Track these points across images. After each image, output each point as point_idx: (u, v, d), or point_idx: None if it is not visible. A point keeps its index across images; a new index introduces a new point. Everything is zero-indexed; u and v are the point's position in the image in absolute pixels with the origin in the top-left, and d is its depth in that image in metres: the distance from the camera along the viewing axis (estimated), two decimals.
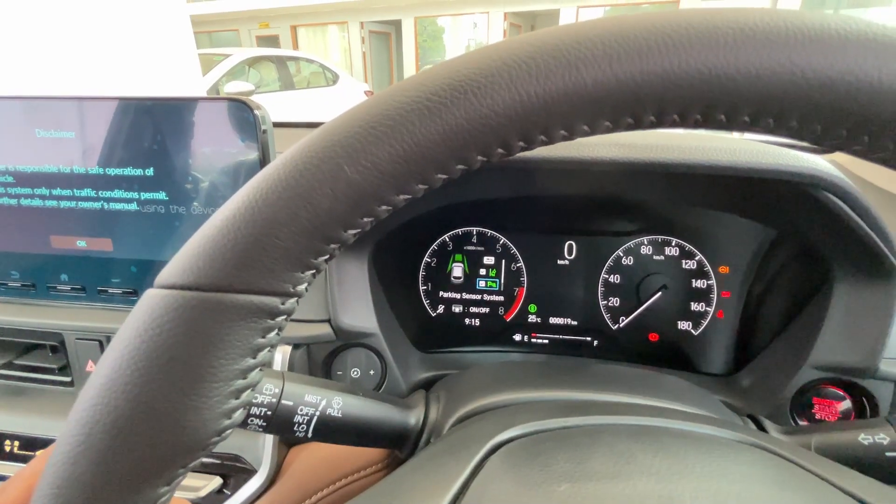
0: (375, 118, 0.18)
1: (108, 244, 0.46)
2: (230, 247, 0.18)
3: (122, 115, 0.43)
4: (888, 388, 0.42)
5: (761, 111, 0.16)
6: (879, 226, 0.39)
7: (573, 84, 0.17)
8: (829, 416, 0.45)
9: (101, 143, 0.44)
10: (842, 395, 0.44)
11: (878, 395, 0.42)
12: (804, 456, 0.26)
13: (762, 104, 0.16)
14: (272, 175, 0.19)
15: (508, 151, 0.19)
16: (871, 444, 0.33)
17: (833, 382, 0.44)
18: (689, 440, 0.26)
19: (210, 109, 0.42)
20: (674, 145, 0.39)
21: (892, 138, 0.16)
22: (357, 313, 0.47)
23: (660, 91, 0.16)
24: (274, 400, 0.32)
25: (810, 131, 0.17)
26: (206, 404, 0.19)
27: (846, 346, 0.42)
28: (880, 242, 0.39)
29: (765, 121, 0.17)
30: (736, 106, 0.16)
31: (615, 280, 0.57)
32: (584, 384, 0.38)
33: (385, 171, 0.18)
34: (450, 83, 0.18)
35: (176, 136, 0.43)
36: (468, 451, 0.26)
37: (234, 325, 0.18)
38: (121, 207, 0.45)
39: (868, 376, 0.42)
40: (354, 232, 0.20)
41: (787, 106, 0.16)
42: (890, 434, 0.33)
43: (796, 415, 0.45)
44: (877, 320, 0.41)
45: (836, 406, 0.44)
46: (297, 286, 0.20)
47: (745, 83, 0.16)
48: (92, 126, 0.44)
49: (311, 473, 0.44)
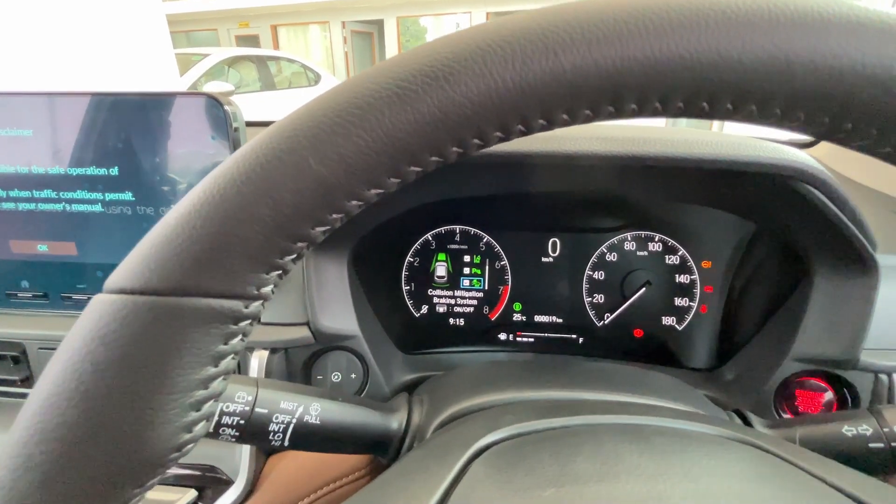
0: (342, 107, 0.17)
1: (72, 248, 0.44)
2: (185, 246, 0.17)
3: (84, 112, 0.41)
4: (869, 379, 0.43)
5: (745, 98, 0.16)
6: (857, 217, 0.39)
7: (551, 70, 0.16)
8: (812, 407, 0.45)
9: (61, 141, 0.42)
10: (824, 387, 0.45)
11: (859, 386, 0.43)
12: (790, 450, 0.26)
13: (746, 90, 0.16)
14: (231, 168, 0.17)
15: (485, 142, 0.18)
16: (854, 435, 0.33)
17: (815, 374, 0.44)
18: (675, 438, 0.26)
19: (179, 105, 0.40)
20: (655, 138, 0.39)
21: (877, 125, 0.16)
22: (337, 315, 0.45)
23: (641, 77, 0.16)
24: (247, 408, 0.31)
25: (794, 118, 0.16)
26: (162, 418, 0.17)
27: (827, 339, 0.42)
28: (858, 234, 0.39)
29: (748, 108, 0.16)
30: (719, 92, 0.16)
31: (599, 277, 0.57)
32: (569, 383, 0.37)
33: (354, 163, 0.17)
34: (421, 69, 0.16)
35: (142, 133, 0.41)
36: (451, 456, 0.25)
37: (191, 332, 0.17)
38: (84, 209, 0.43)
39: (849, 367, 0.42)
40: (323, 229, 0.18)
41: (770, 92, 0.15)
42: (872, 425, 0.33)
43: (780, 407, 0.45)
44: (856, 312, 0.41)
45: (819, 398, 0.45)
46: (261, 288, 0.18)
47: (727, 68, 0.15)
48: (51, 123, 0.41)
49: (290, 483, 0.42)
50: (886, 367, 0.42)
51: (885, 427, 0.32)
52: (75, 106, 0.41)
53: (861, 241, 0.39)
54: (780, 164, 0.37)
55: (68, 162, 0.42)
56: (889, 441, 0.32)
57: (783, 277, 0.49)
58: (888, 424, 0.32)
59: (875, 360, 0.42)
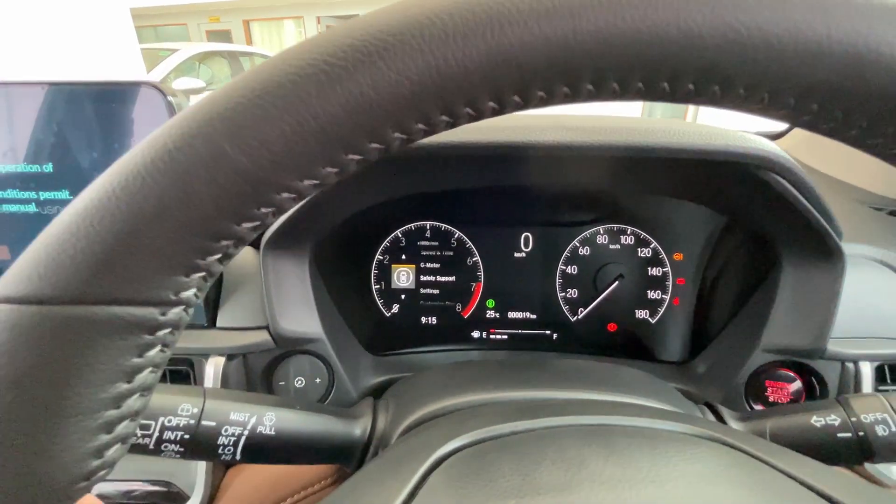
0: (263, 86, 0.15)
1: (5, 252, 0.40)
2: (80, 247, 0.14)
3: (11, 104, 0.37)
4: (836, 368, 0.43)
5: (707, 78, 0.15)
6: (823, 206, 0.39)
7: (497, 46, 0.14)
8: (781, 398, 0.45)
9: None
10: (792, 377, 0.45)
11: (826, 375, 0.43)
12: (761, 447, 0.25)
13: (708, 70, 0.14)
14: (136, 156, 0.15)
15: (431, 127, 0.16)
16: (823, 425, 0.33)
17: (784, 365, 0.45)
18: (642, 439, 0.25)
19: (117, 95, 0.37)
20: (623, 128, 0.38)
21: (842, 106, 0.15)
22: (298, 317, 0.43)
23: (596, 55, 0.14)
24: (192, 422, 0.28)
25: (757, 99, 0.15)
26: (62, 445, 0.15)
27: (795, 329, 0.43)
28: (824, 222, 0.39)
29: (710, 89, 0.15)
30: (679, 72, 0.15)
31: (572, 271, 0.56)
32: (537, 382, 0.36)
33: (278, 151, 0.15)
34: (351, 44, 0.15)
35: (78, 126, 0.38)
36: (409, 466, 0.24)
37: (92, 345, 0.15)
38: (17, 210, 0.39)
39: (816, 357, 0.42)
40: (252, 225, 0.16)
41: (732, 70, 0.14)
42: (840, 415, 0.33)
43: (750, 398, 0.45)
44: (823, 302, 0.41)
45: (788, 388, 0.45)
46: (180, 293, 0.16)
47: (688, 45, 0.14)
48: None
49: (251, 495, 0.40)
50: (852, 355, 0.42)
51: (853, 416, 0.32)
52: (2, 97, 0.37)
53: (827, 230, 0.39)
54: (747, 153, 0.37)
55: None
56: (856, 430, 0.32)
57: (753, 269, 0.49)
58: (855, 414, 0.32)
59: (841, 348, 0.42)
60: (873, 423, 0.31)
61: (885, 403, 0.32)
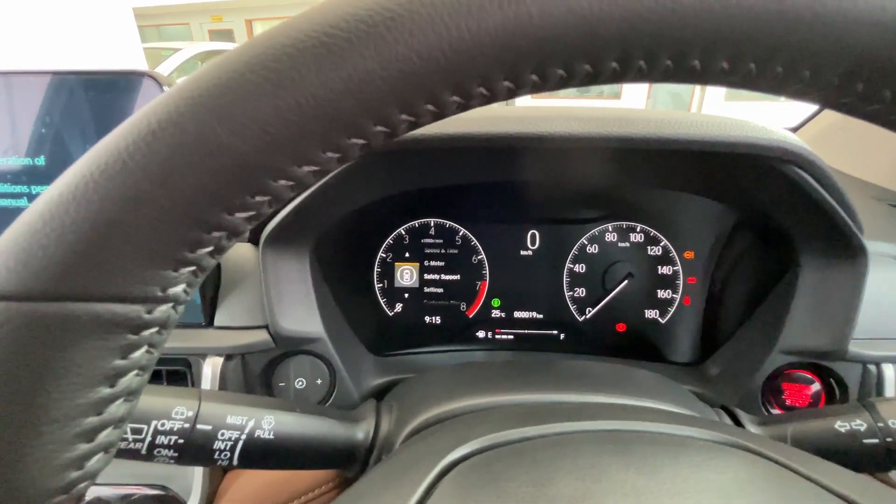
0: (257, 59, 0.13)
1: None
2: (55, 237, 0.13)
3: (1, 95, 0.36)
4: (857, 370, 0.41)
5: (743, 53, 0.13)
6: (846, 201, 0.37)
7: (515, 16, 0.13)
8: (799, 400, 0.43)
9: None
10: (811, 379, 0.43)
11: (847, 378, 0.41)
12: (785, 452, 0.24)
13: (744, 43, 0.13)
14: (116, 138, 0.14)
15: (441, 109, 0.15)
16: (847, 431, 0.31)
17: (802, 366, 0.43)
18: (663, 446, 0.23)
19: (112, 86, 0.36)
20: (636, 118, 0.36)
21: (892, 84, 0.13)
22: (299, 316, 0.42)
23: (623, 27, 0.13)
24: (187, 426, 0.27)
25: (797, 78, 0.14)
26: (38, 455, 0.14)
27: (815, 330, 0.41)
28: (847, 217, 0.37)
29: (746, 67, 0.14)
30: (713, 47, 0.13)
31: (580, 270, 0.54)
32: (547, 384, 0.34)
33: (273, 131, 0.13)
34: (354, 13, 0.13)
35: (71, 117, 0.36)
36: (418, 474, 0.22)
37: (70, 345, 0.14)
38: (7, 204, 0.38)
39: (837, 358, 0.40)
40: (246, 216, 0.15)
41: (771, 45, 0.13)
42: (866, 420, 0.31)
43: (767, 401, 0.44)
44: (844, 300, 0.39)
45: (807, 390, 0.43)
46: (168, 289, 0.15)
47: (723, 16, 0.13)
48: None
49: (250, 500, 0.39)
50: (875, 357, 0.40)
51: (880, 422, 0.31)
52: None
53: (849, 225, 0.37)
54: (768, 145, 0.35)
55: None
56: (884, 436, 0.30)
57: (767, 267, 0.47)
58: (882, 419, 0.31)
59: (863, 350, 0.40)
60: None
61: None
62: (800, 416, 0.33)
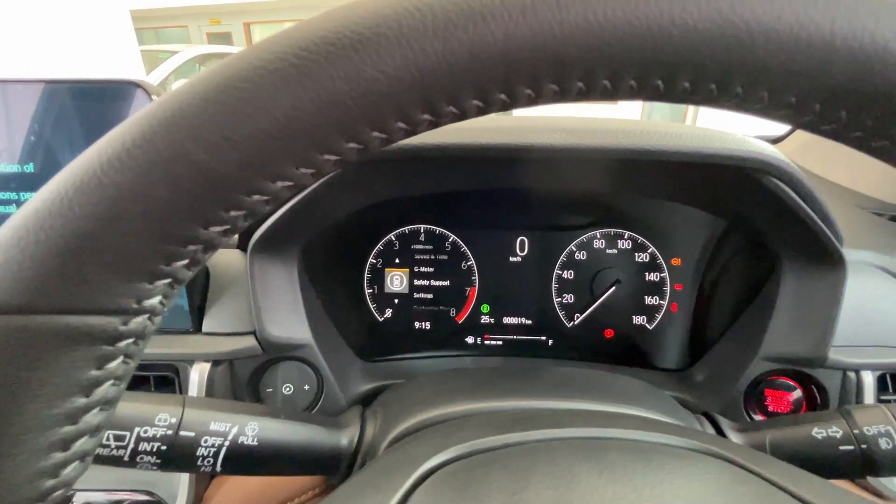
0: (228, 81, 0.14)
1: None
2: (30, 252, 0.13)
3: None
4: (837, 377, 0.42)
5: (703, 74, 0.14)
6: (823, 211, 0.38)
7: (480, 39, 0.13)
8: (781, 407, 0.44)
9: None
10: (793, 386, 0.44)
11: (827, 385, 0.42)
12: (760, 461, 0.24)
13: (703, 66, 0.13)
14: (91, 156, 0.14)
15: (412, 126, 0.15)
16: (824, 437, 0.31)
17: (784, 373, 0.43)
18: (638, 453, 0.24)
19: (99, 94, 0.36)
20: (620, 130, 0.37)
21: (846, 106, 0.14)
22: (286, 322, 0.42)
23: (585, 49, 0.13)
24: (170, 432, 0.27)
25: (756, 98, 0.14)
26: (11, 464, 0.14)
27: (795, 337, 0.41)
28: (825, 228, 0.38)
29: (706, 87, 0.14)
30: (674, 68, 0.14)
31: (568, 276, 0.55)
32: (529, 391, 0.35)
33: (244, 149, 0.14)
34: (323, 36, 0.14)
35: (60, 125, 0.37)
36: (395, 481, 0.23)
37: (44, 356, 0.14)
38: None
39: (817, 366, 0.41)
40: (221, 229, 0.15)
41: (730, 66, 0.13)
42: (842, 427, 0.31)
43: (750, 408, 0.44)
44: (824, 309, 0.40)
45: (788, 397, 0.44)
46: (143, 301, 0.15)
47: (683, 38, 0.13)
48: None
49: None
50: (854, 364, 0.41)
51: (855, 429, 0.31)
52: None
53: (827, 236, 0.38)
54: (747, 157, 0.36)
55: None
56: (859, 443, 0.31)
57: (752, 275, 0.48)
58: (858, 426, 0.31)
59: (843, 357, 0.41)
60: (876, 435, 0.30)
61: (889, 415, 0.31)
62: (778, 423, 0.34)
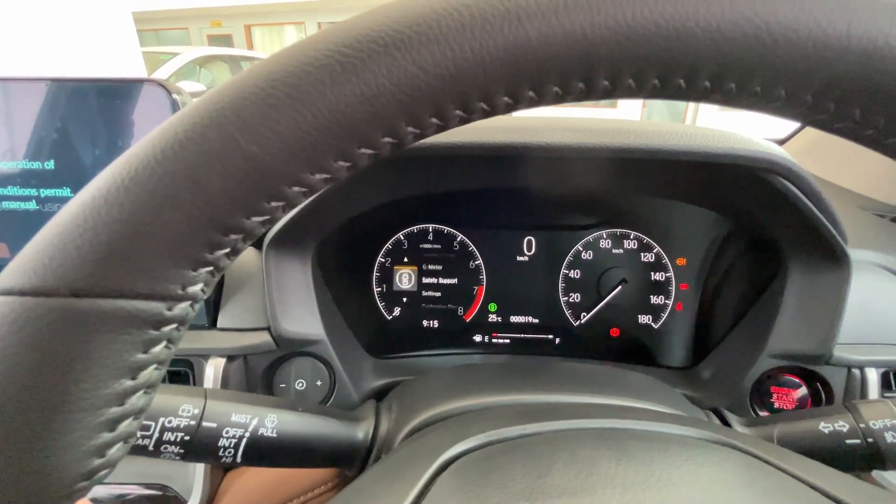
0: (276, 76, 0.14)
1: (3, 249, 0.40)
2: (88, 237, 0.14)
3: (14, 100, 0.37)
4: (842, 374, 0.42)
5: (723, 73, 0.14)
6: (829, 210, 0.38)
7: (514, 38, 0.14)
8: (787, 404, 0.45)
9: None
10: (798, 383, 0.44)
11: (832, 381, 0.43)
12: (770, 451, 0.25)
13: (724, 65, 0.14)
14: (146, 147, 0.15)
15: (444, 122, 0.16)
16: (831, 431, 0.32)
17: (790, 370, 0.44)
18: (653, 442, 0.24)
19: (121, 93, 0.37)
20: (630, 130, 0.37)
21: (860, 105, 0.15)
22: (301, 318, 0.43)
23: (614, 48, 0.14)
24: (193, 423, 0.28)
25: (775, 97, 0.15)
26: (64, 442, 0.15)
27: (801, 334, 0.42)
28: (830, 227, 0.39)
29: (727, 86, 0.15)
30: (697, 67, 0.14)
31: (575, 275, 0.55)
32: (543, 386, 0.35)
33: (291, 142, 0.15)
34: (367, 34, 0.14)
35: (81, 123, 0.37)
36: (417, 469, 0.23)
37: (98, 339, 0.15)
38: (17, 207, 0.39)
39: (822, 363, 0.42)
40: (262, 220, 0.16)
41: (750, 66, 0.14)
42: (849, 421, 0.32)
43: (756, 404, 0.45)
44: (829, 306, 0.41)
45: (794, 394, 0.44)
46: (188, 287, 0.16)
47: (706, 39, 0.14)
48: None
49: (250, 500, 0.39)
50: (858, 361, 0.42)
51: (861, 423, 0.32)
52: (3, 93, 0.37)
53: (833, 235, 0.39)
54: (755, 157, 0.36)
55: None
56: (865, 437, 0.31)
57: (757, 274, 0.48)
58: (864, 420, 0.32)
59: (847, 354, 0.41)
60: (882, 429, 0.31)
61: (894, 409, 0.32)
62: (786, 418, 0.35)
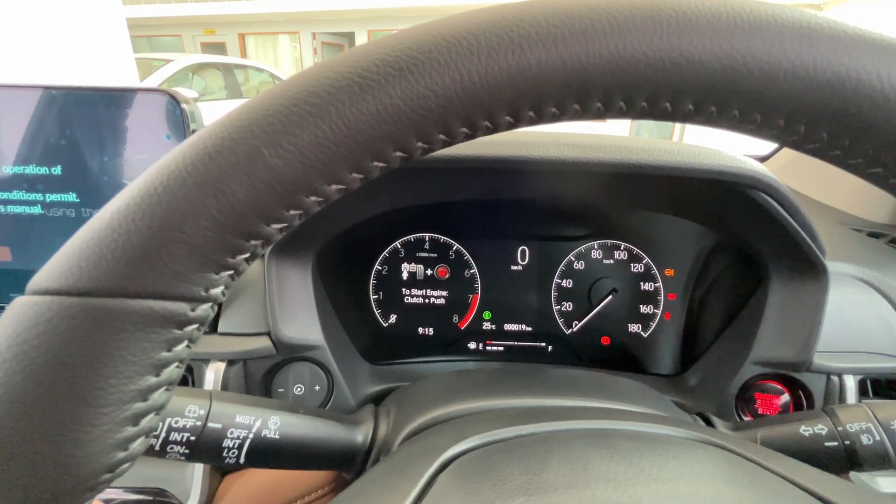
0: (299, 95, 0.16)
1: (6, 253, 0.40)
2: (122, 242, 0.15)
3: (23, 106, 0.38)
4: (821, 381, 0.44)
5: (705, 99, 0.16)
6: (807, 224, 0.41)
7: (517, 64, 0.16)
8: (770, 410, 0.46)
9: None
10: (781, 390, 0.46)
11: (812, 388, 0.45)
12: (753, 450, 0.26)
13: (706, 91, 0.16)
14: (176, 158, 0.16)
15: (451, 138, 0.17)
16: (811, 434, 0.34)
17: (772, 377, 0.46)
18: (643, 441, 0.25)
19: (130, 102, 0.38)
20: (620, 146, 0.39)
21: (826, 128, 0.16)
22: (300, 324, 0.43)
23: (606, 74, 0.16)
24: (199, 423, 0.29)
25: (750, 120, 0.17)
26: (92, 434, 0.15)
27: (783, 342, 0.44)
28: (809, 240, 0.41)
29: (708, 109, 0.16)
30: (681, 92, 0.16)
31: (567, 285, 0.57)
32: (537, 390, 0.37)
33: (311, 155, 0.16)
34: (384, 59, 0.16)
35: (88, 129, 0.38)
36: (417, 468, 0.24)
37: (127, 337, 0.15)
38: (21, 211, 0.39)
39: (803, 370, 0.44)
40: (280, 227, 0.17)
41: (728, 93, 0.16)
42: (828, 424, 0.34)
43: (740, 410, 0.47)
44: (809, 316, 0.43)
45: (776, 400, 0.46)
46: (210, 290, 0.17)
47: (689, 69, 0.16)
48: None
49: (248, 503, 0.40)
50: (837, 368, 0.44)
51: (839, 426, 0.33)
52: (12, 100, 0.38)
53: (811, 248, 0.41)
54: (737, 173, 0.38)
55: (4, 160, 0.39)
56: (843, 439, 0.33)
57: (741, 285, 0.50)
58: (842, 423, 0.33)
59: (826, 361, 0.43)
60: (858, 432, 0.33)
61: (869, 413, 0.33)
62: (768, 422, 0.36)
